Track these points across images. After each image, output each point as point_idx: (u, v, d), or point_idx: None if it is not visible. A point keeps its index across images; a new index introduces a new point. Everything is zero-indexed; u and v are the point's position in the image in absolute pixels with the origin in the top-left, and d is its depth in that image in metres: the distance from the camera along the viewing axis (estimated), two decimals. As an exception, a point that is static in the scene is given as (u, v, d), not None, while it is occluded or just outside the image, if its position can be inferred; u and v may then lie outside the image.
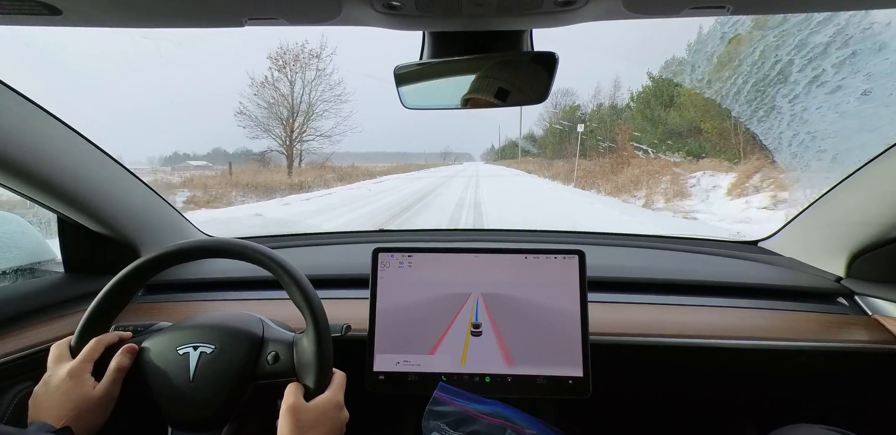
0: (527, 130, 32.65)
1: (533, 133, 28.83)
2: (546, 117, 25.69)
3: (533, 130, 31.84)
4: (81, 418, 0.56)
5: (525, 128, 33.59)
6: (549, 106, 23.49)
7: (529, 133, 31.95)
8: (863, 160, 0.88)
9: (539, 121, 28.40)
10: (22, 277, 0.96)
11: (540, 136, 27.97)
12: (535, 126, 31.17)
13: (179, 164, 27.87)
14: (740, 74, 6.75)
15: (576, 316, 0.77)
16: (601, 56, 44.48)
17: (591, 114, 20.88)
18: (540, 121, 27.98)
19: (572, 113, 21.96)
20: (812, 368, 0.87)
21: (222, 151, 27.98)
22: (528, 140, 30.35)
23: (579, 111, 21.84)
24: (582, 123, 18.76)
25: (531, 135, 30.84)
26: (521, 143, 32.77)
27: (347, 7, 0.52)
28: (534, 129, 31.58)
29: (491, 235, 1.35)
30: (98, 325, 0.64)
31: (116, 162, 0.93)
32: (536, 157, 27.72)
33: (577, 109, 22.09)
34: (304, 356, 0.60)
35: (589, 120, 20.13)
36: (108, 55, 35.76)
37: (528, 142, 30.42)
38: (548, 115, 25.37)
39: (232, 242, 0.65)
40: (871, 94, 2.94)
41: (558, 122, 22.26)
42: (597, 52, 24.90)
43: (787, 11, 0.57)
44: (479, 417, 0.70)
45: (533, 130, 31.84)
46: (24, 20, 0.54)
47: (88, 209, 0.90)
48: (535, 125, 30.78)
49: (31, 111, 0.75)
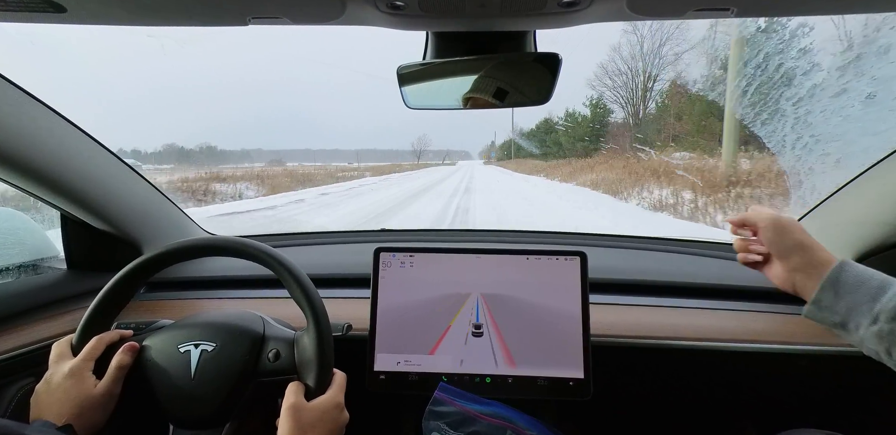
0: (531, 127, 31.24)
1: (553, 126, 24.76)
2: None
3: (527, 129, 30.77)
4: (83, 416, 0.56)
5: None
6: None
7: (529, 131, 31.20)
8: (866, 164, 0.88)
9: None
10: (24, 273, 0.96)
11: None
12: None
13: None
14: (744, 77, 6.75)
15: (577, 317, 0.77)
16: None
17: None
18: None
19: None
20: (814, 371, 0.87)
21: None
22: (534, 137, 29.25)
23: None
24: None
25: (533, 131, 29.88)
26: (523, 143, 32.04)
27: (351, 7, 0.52)
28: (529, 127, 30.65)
29: (492, 235, 1.35)
30: (99, 323, 0.64)
31: (120, 159, 0.94)
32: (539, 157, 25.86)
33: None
34: (305, 354, 0.61)
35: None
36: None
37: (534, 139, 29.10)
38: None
39: (234, 241, 0.65)
40: (875, 98, 2.93)
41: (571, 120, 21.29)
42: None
43: (790, 14, 0.57)
44: (479, 418, 0.70)
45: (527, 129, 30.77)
46: (28, 17, 0.54)
47: (91, 206, 0.91)
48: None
49: (35, 108, 0.76)
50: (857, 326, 0.55)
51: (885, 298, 0.53)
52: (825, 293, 0.57)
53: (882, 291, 0.53)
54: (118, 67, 43.40)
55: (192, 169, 13.93)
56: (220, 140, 38.21)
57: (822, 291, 0.57)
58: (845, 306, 0.55)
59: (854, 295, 0.55)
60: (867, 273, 0.56)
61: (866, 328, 0.53)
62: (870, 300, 0.54)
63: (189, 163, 49.90)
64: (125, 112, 37.55)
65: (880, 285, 0.54)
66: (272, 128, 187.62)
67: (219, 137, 41.11)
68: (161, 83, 45.43)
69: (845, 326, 0.56)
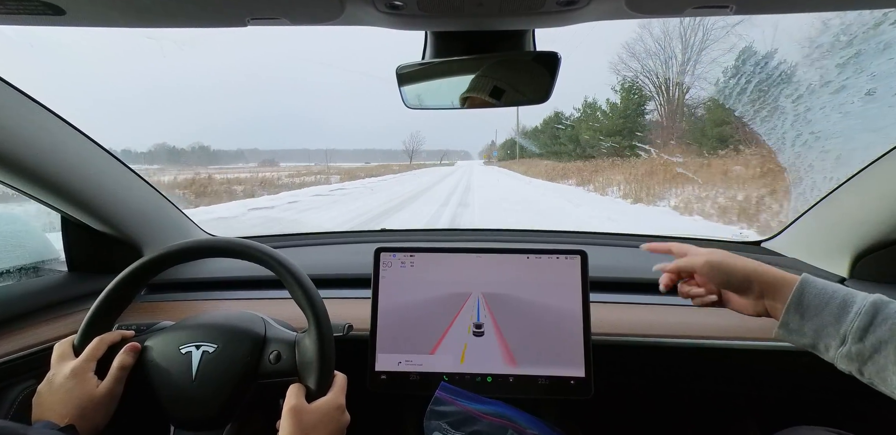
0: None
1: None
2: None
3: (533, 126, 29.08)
4: (85, 417, 0.56)
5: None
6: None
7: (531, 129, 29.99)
8: (866, 161, 0.88)
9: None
10: (26, 275, 0.96)
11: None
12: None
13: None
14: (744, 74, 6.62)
15: (578, 316, 0.77)
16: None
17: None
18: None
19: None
20: (815, 368, 0.87)
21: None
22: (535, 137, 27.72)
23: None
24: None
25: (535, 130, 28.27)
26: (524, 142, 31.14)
27: (350, 7, 0.52)
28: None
29: (493, 234, 1.35)
30: (101, 324, 0.64)
31: (120, 161, 0.94)
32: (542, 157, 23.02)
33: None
34: (307, 356, 0.61)
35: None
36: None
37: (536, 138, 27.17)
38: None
39: (234, 242, 0.65)
40: (875, 94, 2.93)
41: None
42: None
43: (789, 11, 0.57)
44: (480, 417, 0.70)
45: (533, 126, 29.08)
46: (27, 20, 0.54)
47: (92, 208, 0.91)
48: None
49: (34, 110, 0.76)
50: (826, 348, 0.54)
51: (849, 317, 0.52)
52: (791, 316, 0.56)
53: (845, 311, 0.53)
54: (116, 67, 43.47)
55: (176, 169, 12.85)
56: (217, 140, 38.41)
57: (787, 313, 0.56)
58: (812, 328, 0.55)
59: (819, 317, 0.54)
60: (828, 290, 0.55)
61: (836, 350, 0.53)
62: (834, 322, 0.53)
63: (179, 163, 49.75)
64: (120, 111, 37.72)
65: (842, 304, 0.53)
66: (270, 127, 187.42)
67: (216, 137, 41.26)
68: (159, 83, 45.56)
69: (815, 348, 0.56)
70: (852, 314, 0.52)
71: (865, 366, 0.51)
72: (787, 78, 6.36)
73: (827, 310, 0.54)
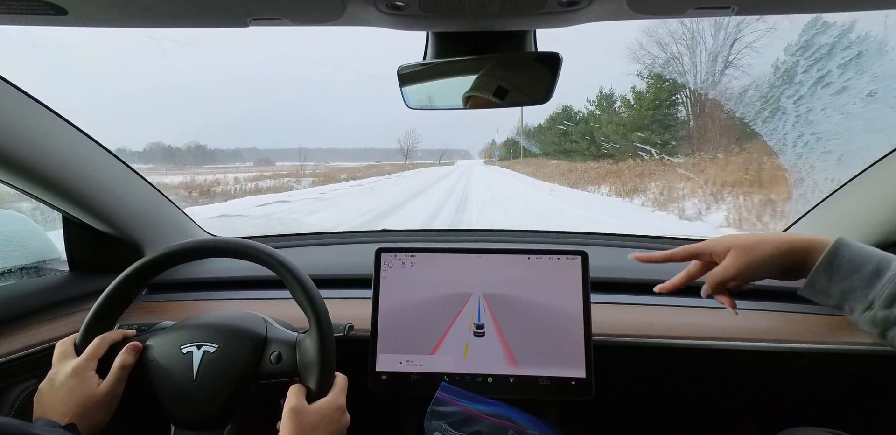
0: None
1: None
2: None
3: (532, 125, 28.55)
4: (86, 416, 0.56)
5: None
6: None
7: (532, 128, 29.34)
8: (868, 161, 0.88)
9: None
10: (27, 275, 0.96)
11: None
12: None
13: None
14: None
15: (579, 317, 0.77)
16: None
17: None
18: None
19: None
20: (816, 370, 0.87)
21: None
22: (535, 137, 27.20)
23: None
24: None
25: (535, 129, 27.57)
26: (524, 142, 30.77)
27: (351, 7, 0.52)
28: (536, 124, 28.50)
29: (493, 235, 1.35)
30: (102, 323, 0.64)
31: (121, 161, 0.94)
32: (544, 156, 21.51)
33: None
34: (307, 356, 0.61)
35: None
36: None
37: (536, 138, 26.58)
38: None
39: (235, 242, 0.65)
40: (876, 96, 2.92)
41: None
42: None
43: (792, 12, 0.57)
44: (481, 418, 0.70)
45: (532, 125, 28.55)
46: (29, 20, 0.55)
47: (93, 208, 0.91)
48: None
49: (36, 110, 0.76)
50: (851, 310, 0.54)
51: (881, 283, 0.51)
52: (819, 277, 0.54)
53: (877, 276, 0.52)
54: (116, 67, 43.44)
55: (168, 169, 12.26)
56: (215, 139, 38.33)
57: (815, 273, 0.54)
58: (839, 291, 0.54)
59: (849, 280, 0.53)
60: (863, 254, 0.53)
61: (860, 313, 0.53)
62: (864, 286, 0.52)
63: (173, 162, 49.46)
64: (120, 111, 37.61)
65: (876, 269, 0.52)
66: (269, 127, 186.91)
67: (215, 137, 41.27)
68: (160, 82, 45.49)
69: (840, 308, 0.55)
70: (885, 280, 0.51)
71: (889, 331, 0.51)
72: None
73: (858, 274, 0.52)
